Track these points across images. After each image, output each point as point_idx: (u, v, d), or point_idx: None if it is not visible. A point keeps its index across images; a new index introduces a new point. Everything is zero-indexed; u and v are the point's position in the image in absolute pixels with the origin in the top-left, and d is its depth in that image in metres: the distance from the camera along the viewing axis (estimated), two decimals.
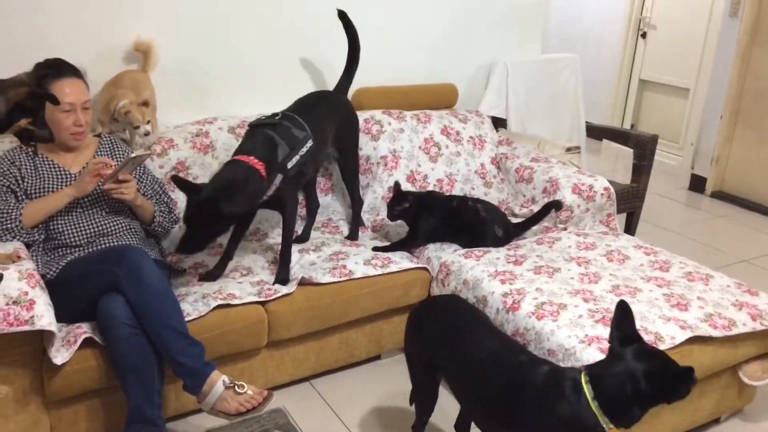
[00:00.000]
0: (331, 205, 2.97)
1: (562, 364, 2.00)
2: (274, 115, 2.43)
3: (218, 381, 1.96)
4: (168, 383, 2.06)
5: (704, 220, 4.54)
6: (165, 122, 2.69)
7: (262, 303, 2.26)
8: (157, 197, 2.41)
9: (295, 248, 2.62)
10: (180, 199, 2.57)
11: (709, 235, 4.19)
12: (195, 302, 2.17)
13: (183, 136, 2.64)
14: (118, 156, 2.34)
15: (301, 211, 2.82)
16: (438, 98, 3.38)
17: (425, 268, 2.61)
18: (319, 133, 2.45)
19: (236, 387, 1.97)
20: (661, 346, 2.02)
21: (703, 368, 2.12)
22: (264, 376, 2.35)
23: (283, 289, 2.31)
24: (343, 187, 2.91)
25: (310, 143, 2.37)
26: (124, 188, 2.15)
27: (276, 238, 2.66)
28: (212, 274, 2.38)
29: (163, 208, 2.39)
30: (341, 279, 2.41)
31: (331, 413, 2.33)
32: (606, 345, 1.98)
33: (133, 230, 2.31)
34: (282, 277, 2.39)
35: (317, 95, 2.73)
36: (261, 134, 2.32)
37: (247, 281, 2.38)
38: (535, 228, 2.85)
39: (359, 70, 2.96)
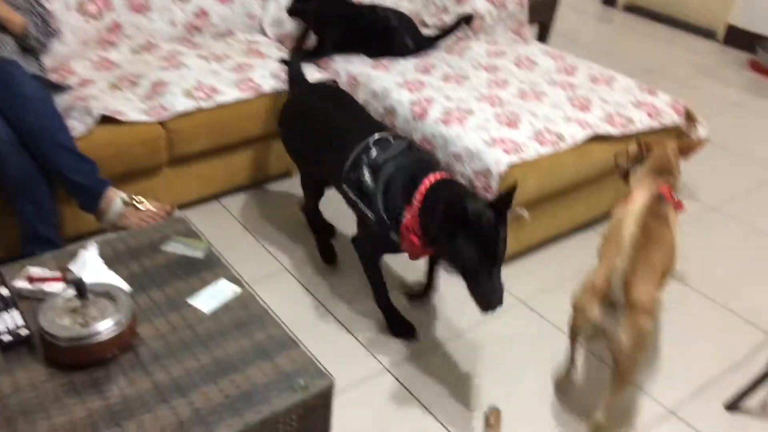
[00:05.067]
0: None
1: (468, 167, 2.03)
2: None
3: (116, 198, 1.89)
4: (65, 203, 1.97)
5: (615, 34, 4.55)
6: None
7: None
8: (30, 7, 2.15)
9: (193, 53, 2.45)
10: (56, 8, 2.32)
11: (618, 47, 4.22)
12: (82, 116, 2.02)
13: None
14: None
15: None
16: None
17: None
18: None
19: (135, 202, 1.91)
20: (563, 146, 2.07)
21: (601, 163, 2.20)
22: (169, 196, 2.27)
23: (140, 116, 2.12)
24: None
25: None
26: None
27: None
28: None
29: (36, 20, 2.14)
30: (250, 96, 2.29)
31: (240, 227, 2.32)
32: (510, 146, 2.00)
33: (5, 45, 2.07)
34: None
35: None
36: None
37: (134, 94, 2.20)
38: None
39: None
